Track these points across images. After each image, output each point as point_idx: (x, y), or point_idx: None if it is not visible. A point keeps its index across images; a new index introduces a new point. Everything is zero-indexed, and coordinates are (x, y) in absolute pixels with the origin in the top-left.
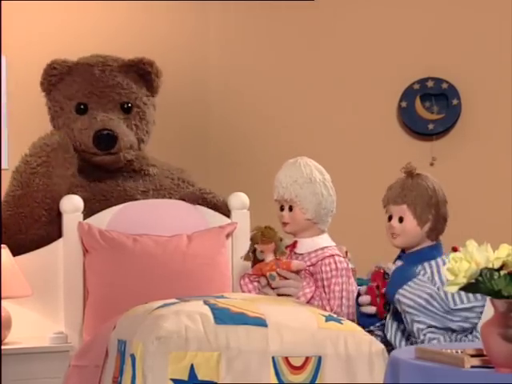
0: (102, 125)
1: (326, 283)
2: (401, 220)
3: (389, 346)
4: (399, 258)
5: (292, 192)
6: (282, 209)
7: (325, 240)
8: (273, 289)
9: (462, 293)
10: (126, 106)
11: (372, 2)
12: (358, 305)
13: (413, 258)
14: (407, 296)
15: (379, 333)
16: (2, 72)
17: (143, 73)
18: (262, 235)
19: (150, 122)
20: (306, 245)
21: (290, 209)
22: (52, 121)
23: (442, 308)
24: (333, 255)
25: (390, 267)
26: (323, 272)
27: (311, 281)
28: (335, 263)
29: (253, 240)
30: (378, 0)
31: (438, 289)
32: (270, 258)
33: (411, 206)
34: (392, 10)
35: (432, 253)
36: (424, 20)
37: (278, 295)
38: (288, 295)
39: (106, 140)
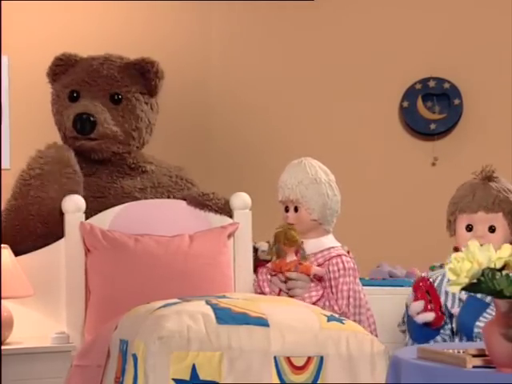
0: (82, 109)
1: (333, 283)
2: (492, 229)
3: None
4: None
5: (298, 193)
6: (286, 210)
7: (330, 240)
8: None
9: None
10: (116, 97)
11: (374, 3)
12: (409, 316)
13: None
14: None
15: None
16: (3, 72)
17: (143, 71)
18: (285, 238)
19: (141, 118)
20: (311, 245)
21: (296, 210)
22: (52, 111)
23: None
24: (340, 255)
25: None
26: (331, 272)
27: (319, 285)
28: (342, 263)
29: (276, 239)
30: (380, 0)
31: None
32: (291, 257)
33: (508, 215)
34: (394, 11)
35: None
36: (426, 20)
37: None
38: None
39: (84, 123)
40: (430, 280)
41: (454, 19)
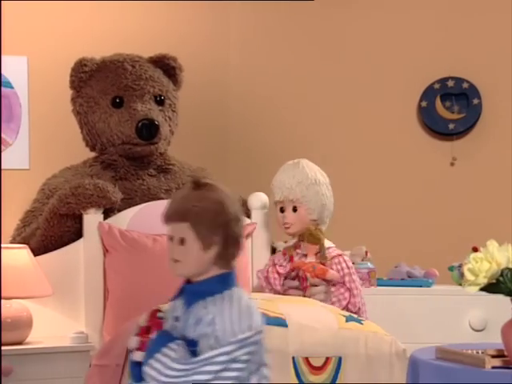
0: (143, 115)
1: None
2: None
3: None
4: (181, 292)
5: (298, 192)
6: (282, 210)
7: (326, 241)
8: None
9: None
10: (158, 98)
11: (393, 3)
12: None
13: (194, 291)
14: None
15: None
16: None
17: (168, 68)
18: (310, 235)
19: (178, 115)
20: (313, 249)
21: (294, 210)
22: (82, 118)
23: None
24: (340, 255)
25: (165, 308)
26: (335, 271)
27: (343, 287)
28: (345, 262)
29: (301, 237)
30: (400, 0)
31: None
32: (310, 258)
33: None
34: (413, 11)
35: (216, 285)
36: (445, 19)
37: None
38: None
39: (149, 129)
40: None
41: (473, 19)
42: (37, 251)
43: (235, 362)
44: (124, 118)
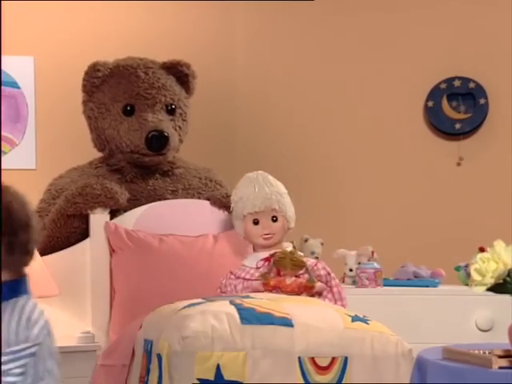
0: (153, 126)
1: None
2: None
3: None
4: None
5: (279, 201)
6: (255, 223)
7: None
8: None
9: None
10: (169, 107)
11: (399, 3)
12: None
13: None
14: None
15: None
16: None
17: (181, 75)
18: (292, 264)
19: (188, 123)
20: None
21: (273, 220)
22: (93, 123)
23: None
24: (316, 262)
25: None
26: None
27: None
28: (324, 268)
29: (281, 266)
30: (406, 0)
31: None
32: (290, 279)
33: None
34: (419, 10)
35: (3, 292)
36: (451, 19)
37: None
38: None
39: (159, 141)
40: None
41: (479, 19)
42: (43, 252)
43: (8, 376)
44: (134, 127)
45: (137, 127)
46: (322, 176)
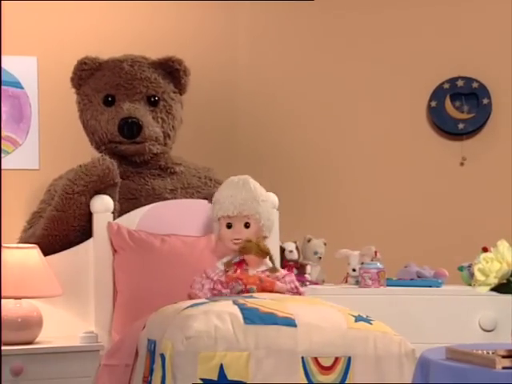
0: (127, 113)
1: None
2: None
3: None
4: None
5: (253, 208)
6: (229, 226)
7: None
8: None
9: None
10: (152, 99)
11: (403, 2)
12: None
13: None
14: None
15: None
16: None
17: (171, 70)
18: (258, 248)
19: (176, 118)
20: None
21: (246, 226)
22: (81, 116)
23: None
24: (285, 274)
25: None
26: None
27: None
28: (292, 282)
29: (245, 250)
30: (409, 0)
31: None
32: (253, 271)
33: None
34: (422, 10)
35: None
36: (454, 19)
37: None
38: None
39: (131, 128)
40: None
41: (482, 18)
42: (50, 236)
43: None
44: (111, 116)
45: (113, 116)
46: (325, 176)
